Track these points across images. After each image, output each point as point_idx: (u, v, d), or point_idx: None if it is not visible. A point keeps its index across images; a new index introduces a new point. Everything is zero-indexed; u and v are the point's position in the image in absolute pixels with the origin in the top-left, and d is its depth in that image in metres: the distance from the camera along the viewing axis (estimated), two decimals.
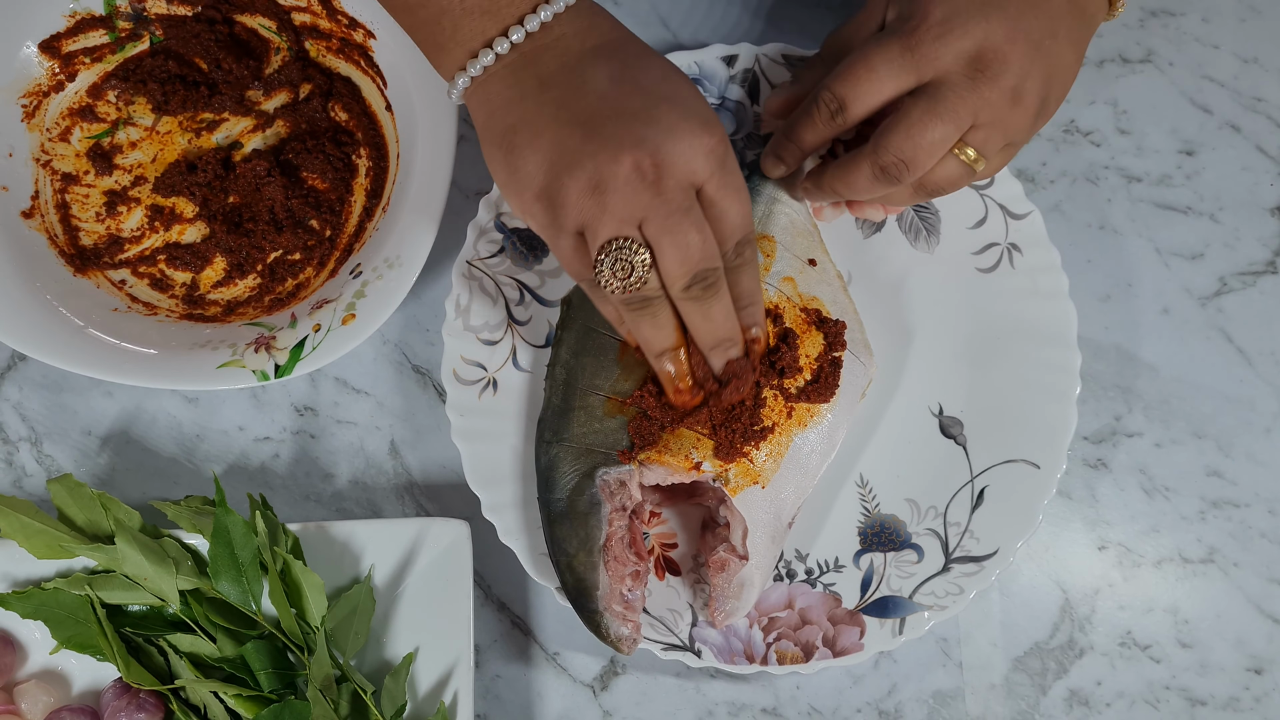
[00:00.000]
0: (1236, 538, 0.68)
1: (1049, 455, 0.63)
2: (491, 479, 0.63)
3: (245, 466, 0.68)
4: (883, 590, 0.62)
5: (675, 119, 0.49)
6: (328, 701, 0.59)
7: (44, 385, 0.69)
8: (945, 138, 0.55)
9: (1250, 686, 0.66)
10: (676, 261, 0.51)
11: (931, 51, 0.54)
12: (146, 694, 0.61)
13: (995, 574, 0.61)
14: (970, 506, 0.63)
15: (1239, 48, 0.73)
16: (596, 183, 0.49)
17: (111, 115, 0.71)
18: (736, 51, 0.67)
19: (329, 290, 0.66)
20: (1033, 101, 0.55)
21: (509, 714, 0.66)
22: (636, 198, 0.49)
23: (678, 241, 0.50)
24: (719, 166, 0.51)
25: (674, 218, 0.50)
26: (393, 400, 0.69)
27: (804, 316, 0.60)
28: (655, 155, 0.49)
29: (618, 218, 0.50)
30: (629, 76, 0.51)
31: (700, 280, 0.52)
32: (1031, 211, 0.65)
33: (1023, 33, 0.54)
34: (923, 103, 0.54)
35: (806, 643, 0.62)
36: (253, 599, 0.61)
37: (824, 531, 0.64)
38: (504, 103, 0.52)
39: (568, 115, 0.50)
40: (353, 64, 0.71)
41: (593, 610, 0.58)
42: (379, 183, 0.69)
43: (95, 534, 0.63)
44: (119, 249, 0.69)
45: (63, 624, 0.61)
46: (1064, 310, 0.64)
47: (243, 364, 0.63)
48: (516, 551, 0.62)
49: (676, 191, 0.50)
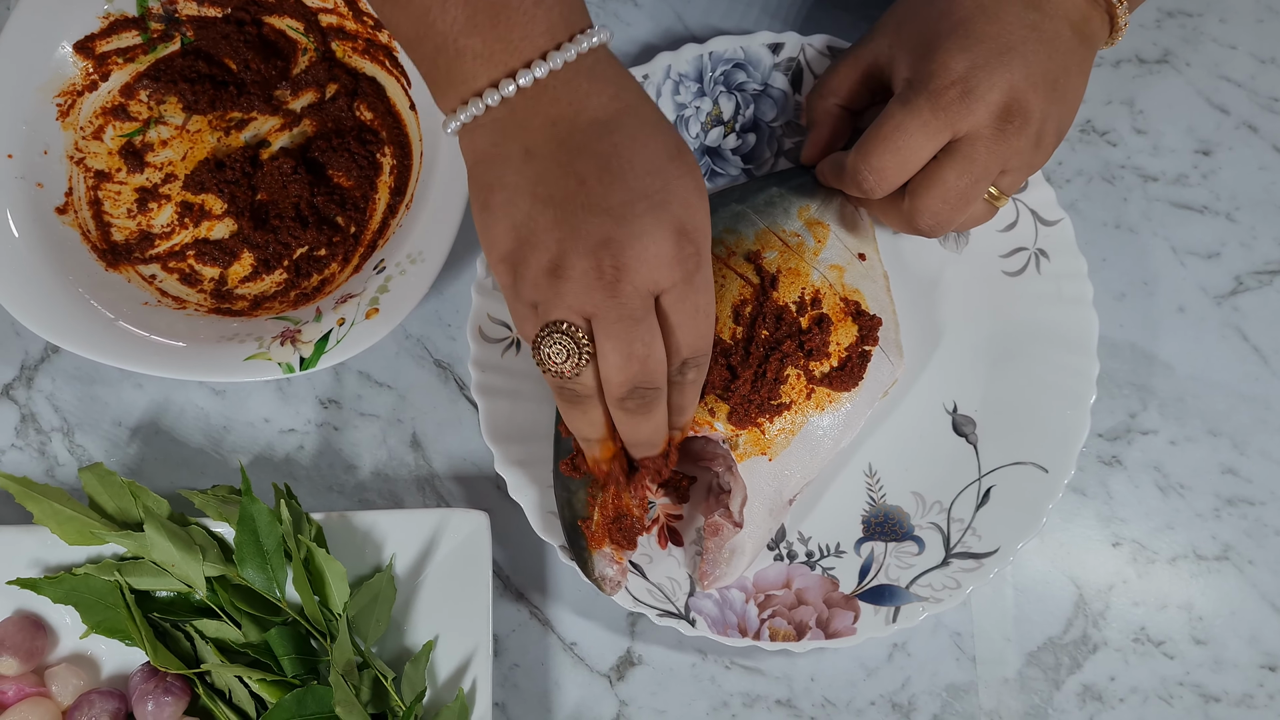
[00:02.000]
0: (1251, 535, 0.68)
1: (1059, 460, 0.63)
2: (507, 435, 0.64)
3: (270, 457, 0.70)
4: (880, 578, 0.63)
5: (649, 223, 0.47)
6: (349, 686, 0.60)
7: (76, 377, 0.71)
8: (979, 194, 0.57)
9: (1264, 683, 0.66)
10: (616, 369, 0.49)
11: (962, 109, 0.54)
12: (173, 678, 0.62)
13: (993, 572, 0.62)
14: (975, 504, 0.64)
15: (1256, 48, 0.73)
16: (556, 267, 0.47)
17: (143, 114, 0.73)
18: (783, 40, 0.68)
19: (353, 285, 0.67)
20: (1052, 140, 0.57)
21: (526, 703, 0.67)
22: (589, 294, 0.47)
23: (620, 349, 0.48)
24: (683, 280, 0.48)
25: (622, 324, 0.48)
26: (415, 394, 0.70)
27: (843, 306, 0.61)
28: (617, 258, 0.47)
29: (567, 306, 0.48)
30: (615, 166, 0.47)
31: (635, 396, 0.50)
32: (1062, 219, 0.65)
33: (1041, 76, 0.55)
34: (958, 165, 0.55)
35: (800, 622, 0.62)
36: (277, 586, 0.63)
37: (828, 516, 0.64)
38: (487, 160, 0.49)
39: (544, 192, 0.48)
40: (378, 64, 0.72)
41: (582, 546, 0.59)
42: (403, 180, 0.71)
43: (125, 521, 0.64)
44: (149, 244, 0.71)
45: (93, 609, 0.62)
46: (1086, 318, 0.64)
47: (269, 357, 0.64)
48: (525, 507, 0.63)
49: (632, 297, 0.47)
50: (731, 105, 0.68)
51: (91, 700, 0.62)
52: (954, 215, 0.57)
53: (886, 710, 0.66)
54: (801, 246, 0.62)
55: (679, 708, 0.67)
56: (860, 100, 0.63)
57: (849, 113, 0.64)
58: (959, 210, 0.57)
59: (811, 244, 0.62)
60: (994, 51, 0.54)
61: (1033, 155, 0.56)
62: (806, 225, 0.63)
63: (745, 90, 0.68)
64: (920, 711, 0.66)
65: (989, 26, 0.55)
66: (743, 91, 0.68)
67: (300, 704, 0.60)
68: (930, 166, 0.56)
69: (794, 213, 0.63)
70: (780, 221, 0.63)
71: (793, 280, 0.61)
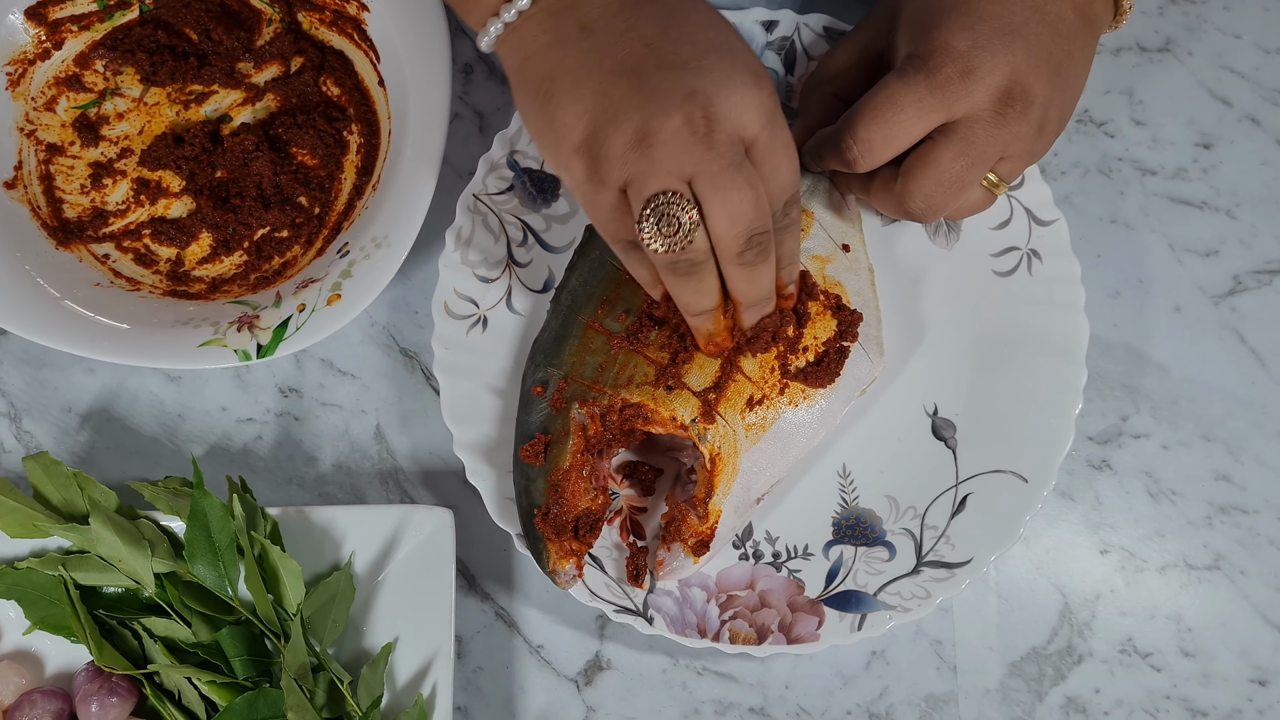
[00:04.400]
0: (1244, 544, 0.65)
1: (1039, 470, 0.61)
2: (468, 417, 0.61)
3: (227, 448, 0.67)
4: (848, 584, 0.61)
5: (726, 70, 0.47)
6: (303, 690, 0.58)
7: (24, 360, 0.68)
8: (975, 179, 0.55)
9: (1254, 698, 0.64)
10: (729, 221, 0.48)
11: (961, 89, 0.52)
12: (120, 678, 0.60)
13: (965, 583, 0.60)
14: (950, 512, 0.61)
15: (1261, 38, 0.70)
16: (644, 135, 0.46)
17: (98, 85, 0.69)
18: (777, 18, 0.65)
19: (316, 269, 0.64)
20: (1055, 127, 0.55)
21: (490, 707, 0.64)
22: (687, 152, 0.46)
23: (729, 199, 0.47)
24: (769, 121, 0.48)
25: (726, 174, 0.47)
26: (379, 383, 0.68)
27: (823, 300, 0.58)
28: (707, 108, 0.46)
29: (666, 172, 0.46)
30: (676, 23, 0.48)
31: (753, 245, 0.49)
32: (1058, 219, 0.63)
33: (1044, 60, 0.53)
34: (954, 146, 0.53)
35: (762, 625, 0.60)
36: (229, 584, 0.60)
37: (797, 516, 0.62)
38: (541, 48, 0.48)
39: (612, 63, 0.47)
40: (345, 37, 0.69)
41: (538, 537, 0.57)
42: (370, 160, 0.68)
43: (71, 514, 0.61)
44: (103, 223, 0.68)
45: (36, 604, 0.60)
46: (1077, 324, 0.62)
47: (224, 343, 0.62)
48: (482, 492, 0.60)
49: (728, 146, 0.47)
50: None
51: (34, 700, 0.60)
52: (948, 200, 0.55)
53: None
54: None
55: (648, 714, 0.64)
56: (858, 87, 0.60)
57: (843, 103, 0.61)
58: (953, 195, 0.55)
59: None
60: (996, 32, 0.52)
61: (1034, 142, 0.54)
62: None
63: None
64: None
65: (992, 6, 0.53)
66: None
67: (251, 707, 0.58)
68: (926, 146, 0.54)
69: None
70: None
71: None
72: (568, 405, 0.58)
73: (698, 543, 0.58)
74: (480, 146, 0.69)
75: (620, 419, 0.57)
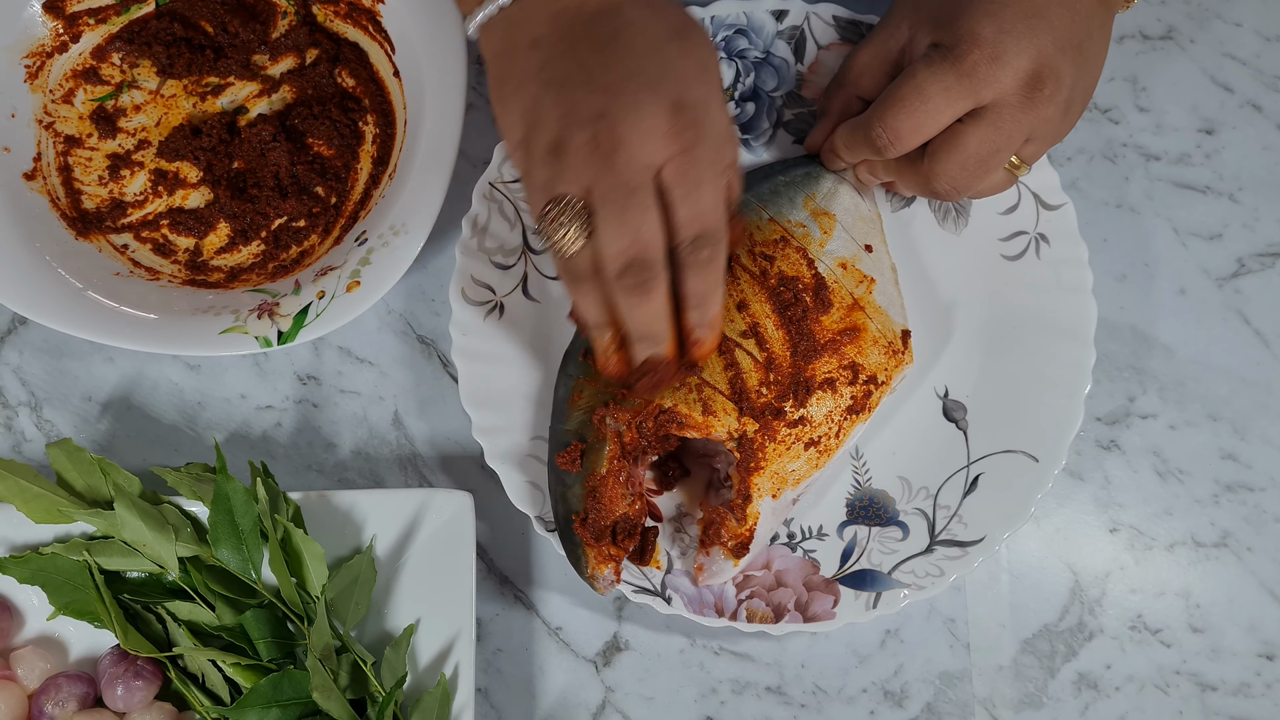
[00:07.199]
0: (1250, 522, 0.67)
1: (1050, 450, 0.62)
2: (486, 401, 0.62)
3: (247, 435, 0.68)
4: (862, 563, 0.62)
5: (643, 98, 0.48)
6: (327, 671, 0.58)
7: (45, 350, 0.68)
8: (1001, 162, 0.56)
9: (1262, 672, 0.65)
10: (610, 239, 0.49)
11: (989, 75, 0.53)
12: (144, 662, 0.60)
13: (978, 561, 0.60)
14: (962, 492, 0.62)
15: (1262, 25, 0.72)
16: (558, 144, 0.49)
17: (115, 78, 0.70)
18: (787, 7, 0.66)
19: (333, 258, 0.65)
20: (1079, 108, 0.56)
21: (510, 688, 0.65)
22: (588, 166, 0.49)
23: (613, 218, 0.49)
24: (681, 152, 0.49)
25: (615, 192, 0.48)
26: (397, 370, 0.68)
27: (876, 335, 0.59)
28: (612, 130, 0.48)
29: (567, 180, 0.49)
30: (614, 47, 0.50)
31: (631, 272, 0.50)
32: (1065, 204, 0.64)
33: (1068, 41, 0.53)
34: (981, 130, 0.54)
35: (778, 604, 0.61)
36: (252, 567, 0.61)
37: (812, 499, 0.63)
38: (501, 53, 0.52)
39: (548, 76, 0.50)
40: (360, 29, 0.70)
41: (576, 543, 0.58)
42: (385, 150, 0.68)
43: (94, 499, 0.62)
44: (121, 213, 0.69)
45: (60, 590, 0.60)
46: (1085, 306, 0.63)
47: (245, 330, 0.62)
48: (500, 475, 0.61)
49: (627, 168, 0.48)
50: (731, 73, 0.66)
51: (59, 684, 0.60)
52: (972, 181, 0.56)
53: (878, 698, 0.65)
54: (807, 237, 0.61)
55: (666, 694, 0.65)
56: (878, 88, 0.61)
57: (864, 104, 0.62)
58: (978, 177, 0.56)
59: (818, 235, 0.61)
60: (1021, 15, 0.53)
61: (1060, 123, 0.55)
62: (812, 215, 0.62)
63: (746, 57, 0.66)
64: (913, 699, 0.65)
65: None
66: (743, 59, 0.66)
67: (276, 689, 0.59)
68: (953, 129, 0.55)
69: (799, 202, 0.62)
70: (786, 211, 0.62)
71: (798, 271, 0.59)
72: (603, 412, 0.58)
73: (737, 545, 0.59)
74: (495, 136, 0.70)
75: (655, 425, 0.58)
